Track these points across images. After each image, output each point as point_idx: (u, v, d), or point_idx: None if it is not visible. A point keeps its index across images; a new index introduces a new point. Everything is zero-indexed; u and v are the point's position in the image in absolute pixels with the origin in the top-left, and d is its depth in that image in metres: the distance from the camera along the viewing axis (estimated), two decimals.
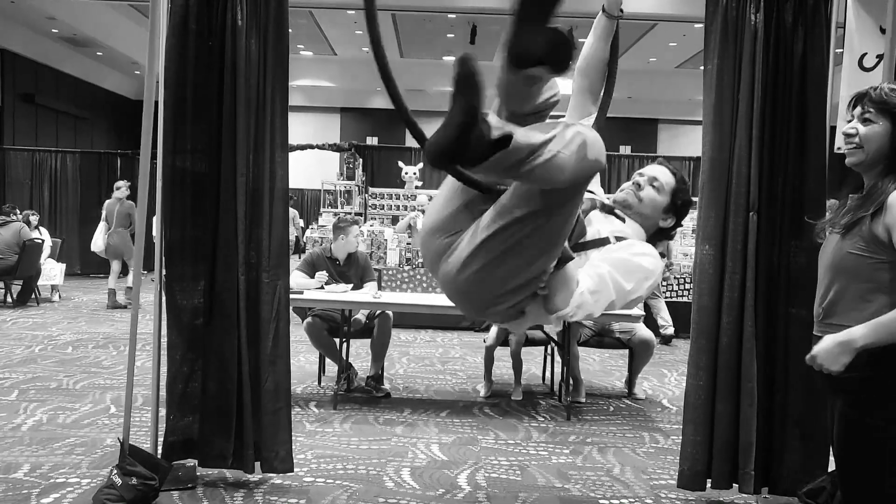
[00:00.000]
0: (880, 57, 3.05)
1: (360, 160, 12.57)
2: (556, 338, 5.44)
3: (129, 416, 3.37)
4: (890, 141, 2.00)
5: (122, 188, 9.98)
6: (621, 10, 2.12)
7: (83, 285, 11.87)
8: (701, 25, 3.32)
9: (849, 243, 2.03)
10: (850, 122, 2.07)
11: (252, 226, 3.39)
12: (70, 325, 8.07)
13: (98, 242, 9.95)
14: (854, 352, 1.94)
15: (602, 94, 2.23)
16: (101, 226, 9.96)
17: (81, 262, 13.41)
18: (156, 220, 3.25)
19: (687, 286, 8.25)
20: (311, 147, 13.09)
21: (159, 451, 3.44)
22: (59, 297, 10.10)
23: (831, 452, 3.24)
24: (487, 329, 5.74)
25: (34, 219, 10.03)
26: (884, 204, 1.97)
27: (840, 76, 3.33)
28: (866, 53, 3.15)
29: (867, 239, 2.00)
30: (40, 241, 9.72)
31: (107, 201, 10.15)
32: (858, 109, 2.06)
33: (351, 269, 5.60)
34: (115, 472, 3.19)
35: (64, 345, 6.94)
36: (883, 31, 3.10)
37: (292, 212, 13.93)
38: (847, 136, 2.05)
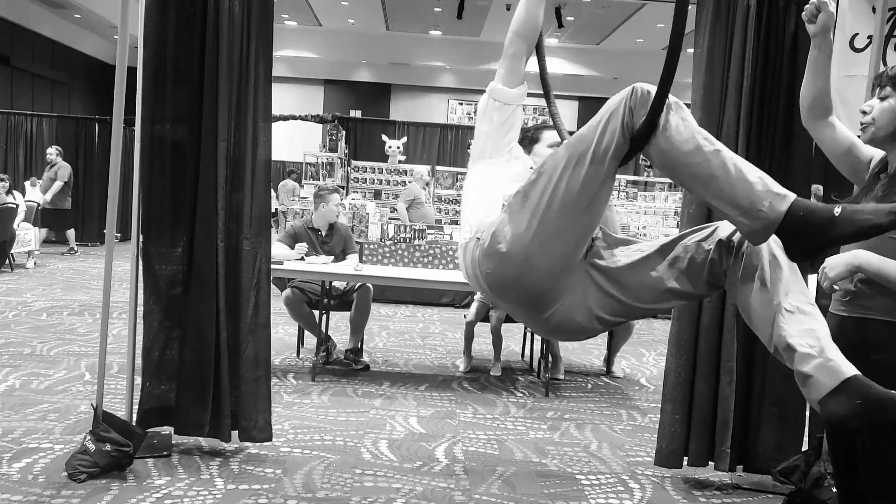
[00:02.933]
0: (871, 37, 3.04)
1: (344, 133, 12.45)
2: None
3: (103, 382, 3.33)
4: None
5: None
6: None
7: (59, 252, 11.70)
8: (690, 7, 3.28)
9: None
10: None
11: (232, 193, 3.34)
12: (45, 292, 7.96)
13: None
14: (851, 269, 1.94)
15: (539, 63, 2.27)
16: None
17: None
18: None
19: None
20: (294, 118, 12.94)
21: (134, 418, 3.40)
22: (35, 263, 9.95)
23: (805, 433, 3.29)
24: (468, 305, 5.73)
25: (2, 185, 9.75)
26: None
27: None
28: (857, 34, 3.13)
29: None
30: (14, 205, 9.54)
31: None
32: (878, 90, 2.07)
33: (333, 240, 5.55)
34: (89, 438, 3.15)
35: (38, 311, 6.84)
36: (875, 10, 3.09)
37: (292, 184, 13.74)
38: (862, 112, 2.07)
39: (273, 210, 14.42)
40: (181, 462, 3.36)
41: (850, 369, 1.54)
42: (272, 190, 15.04)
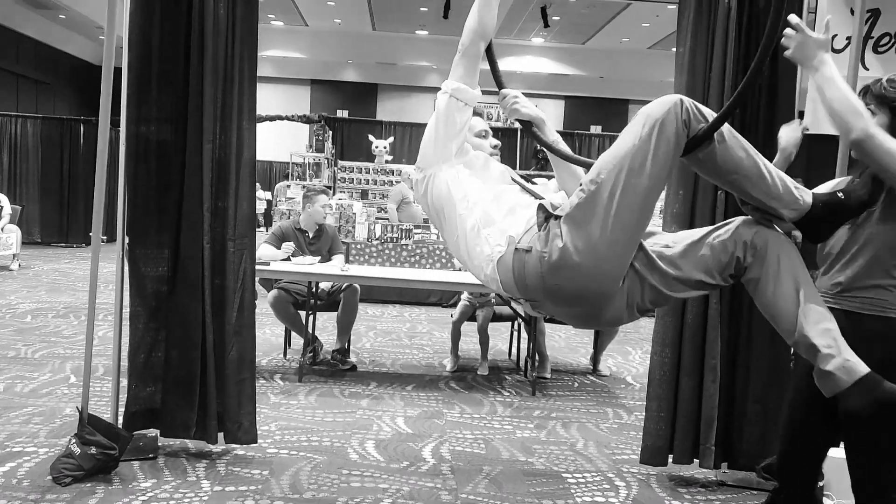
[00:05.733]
0: (850, 38, 3.08)
1: (330, 133, 12.42)
2: (522, 314, 5.46)
3: (88, 385, 3.31)
4: (890, 132, 2.05)
5: None
6: None
7: (44, 254, 11.64)
8: (674, 7, 3.32)
9: (883, 215, 2.08)
10: None
11: (218, 194, 3.34)
12: (29, 294, 7.91)
13: None
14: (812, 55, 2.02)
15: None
16: None
17: (42, 231, 13.16)
18: None
19: None
20: (280, 118, 12.90)
21: (120, 421, 3.39)
22: (19, 265, 9.88)
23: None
24: (455, 304, 5.75)
25: None
26: None
27: None
28: (836, 35, 3.17)
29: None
30: None
31: None
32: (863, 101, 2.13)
33: (320, 242, 5.55)
34: (74, 441, 3.14)
35: (23, 314, 6.80)
36: (853, 12, 3.12)
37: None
38: None
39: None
40: (167, 464, 3.36)
41: (864, 368, 1.83)
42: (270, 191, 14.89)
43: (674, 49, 3.39)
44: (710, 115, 1.86)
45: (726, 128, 1.88)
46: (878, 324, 2.08)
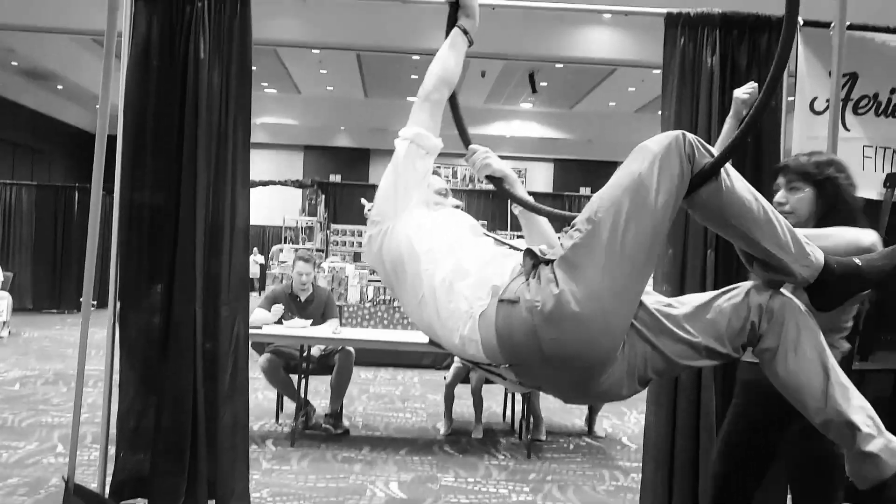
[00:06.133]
0: (829, 101, 3.16)
1: (323, 196, 12.55)
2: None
3: (76, 454, 3.26)
4: (816, 203, 2.26)
5: None
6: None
7: (34, 321, 11.55)
8: (659, 71, 3.41)
9: None
10: (778, 191, 2.32)
11: (211, 259, 3.35)
12: (18, 361, 7.83)
13: None
14: None
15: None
16: None
17: (34, 297, 13.09)
18: None
19: None
20: (274, 183, 13.04)
21: (107, 490, 3.32)
22: (9, 332, 9.79)
23: (788, 489, 3.27)
24: (448, 367, 5.71)
25: None
26: None
27: (792, 122, 3.43)
28: (817, 97, 3.26)
29: None
30: None
31: None
32: (782, 179, 2.31)
33: (312, 306, 5.52)
34: None
35: (11, 381, 6.72)
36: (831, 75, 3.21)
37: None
38: (779, 204, 2.27)
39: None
40: None
41: None
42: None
43: (659, 112, 3.46)
44: (715, 151, 1.72)
45: (731, 168, 1.71)
46: None
